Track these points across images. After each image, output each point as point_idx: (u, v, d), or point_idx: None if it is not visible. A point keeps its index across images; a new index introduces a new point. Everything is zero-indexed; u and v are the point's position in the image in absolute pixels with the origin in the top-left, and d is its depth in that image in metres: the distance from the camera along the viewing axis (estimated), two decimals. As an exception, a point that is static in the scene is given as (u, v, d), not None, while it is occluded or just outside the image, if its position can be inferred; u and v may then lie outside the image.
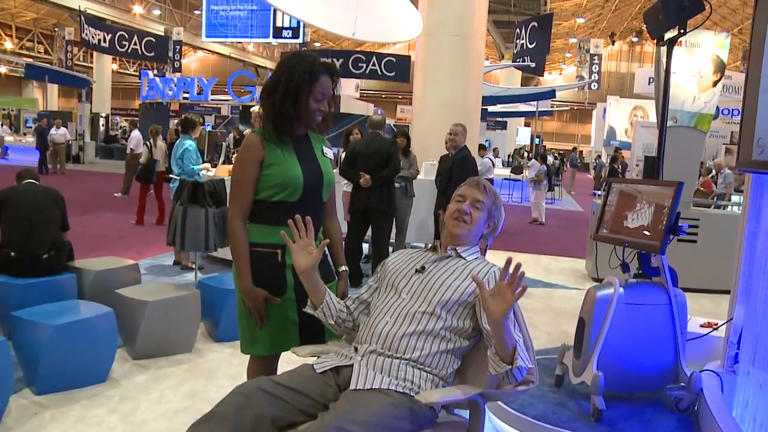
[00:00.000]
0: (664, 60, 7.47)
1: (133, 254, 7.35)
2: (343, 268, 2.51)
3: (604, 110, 31.38)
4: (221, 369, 4.03)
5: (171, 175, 6.55)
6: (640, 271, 3.23)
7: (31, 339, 3.50)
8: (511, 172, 19.75)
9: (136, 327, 4.05)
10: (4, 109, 36.28)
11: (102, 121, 28.02)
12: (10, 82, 44.22)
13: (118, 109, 42.54)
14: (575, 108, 46.97)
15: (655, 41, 4.37)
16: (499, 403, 3.14)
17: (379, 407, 1.82)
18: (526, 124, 38.31)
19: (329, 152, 2.49)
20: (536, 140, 28.66)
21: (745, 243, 3.21)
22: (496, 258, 2.09)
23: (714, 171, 14.43)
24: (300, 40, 26.71)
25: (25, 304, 3.88)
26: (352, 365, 1.99)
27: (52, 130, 17.91)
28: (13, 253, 4.40)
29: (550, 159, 25.19)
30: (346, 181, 6.44)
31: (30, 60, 35.34)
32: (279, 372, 2.20)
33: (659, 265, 3.12)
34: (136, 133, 12.85)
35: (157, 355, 4.11)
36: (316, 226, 2.40)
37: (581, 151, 37.89)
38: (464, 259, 2.19)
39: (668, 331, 3.09)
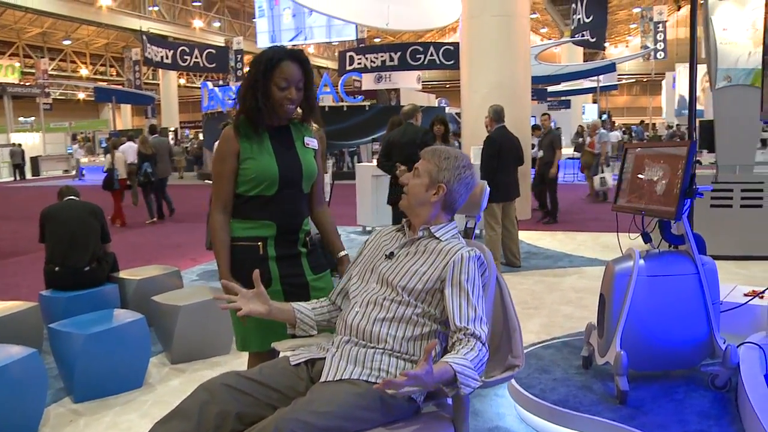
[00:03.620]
0: (713, 18, 7.11)
1: (188, 261, 7.55)
2: (343, 253, 2.47)
3: (674, 79, 30.12)
4: (256, 369, 4.06)
5: (207, 181, 6.66)
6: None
7: (66, 349, 3.62)
8: (574, 150, 19.14)
9: (171, 332, 4.13)
10: (81, 133, 38.12)
11: (171, 135, 28.97)
12: (89, 106, 46.43)
13: (187, 122, 43.95)
14: (644, 80, 45.26)
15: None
16: (519, 388, 3.02)
17: (343, 397, 1.76)
18: (594, 101, 37.17)
19: (312, 142, 2.43)
20: (603, 116, 27.78)
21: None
22: (555, 238, 1.98)
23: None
24: (354, 37, 26.87)
25: (69, 316, 4.00)
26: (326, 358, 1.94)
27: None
28: (57, 268, 4.58)
29: (617, 134, 24.35)
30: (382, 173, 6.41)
31: (104, 84, 37.00)
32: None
33: (682, 232, 2.92)
34: (125, 146, 12.75)
35: (194, 358, 4.17)
36: (299, 218, 2.37)
37: (653, 124, 36.50)
38: (437, 238, 2.09)
39: (698, 303, 2.88)
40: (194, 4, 38.48)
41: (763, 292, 3.34)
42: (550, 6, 32.72)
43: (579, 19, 19.38)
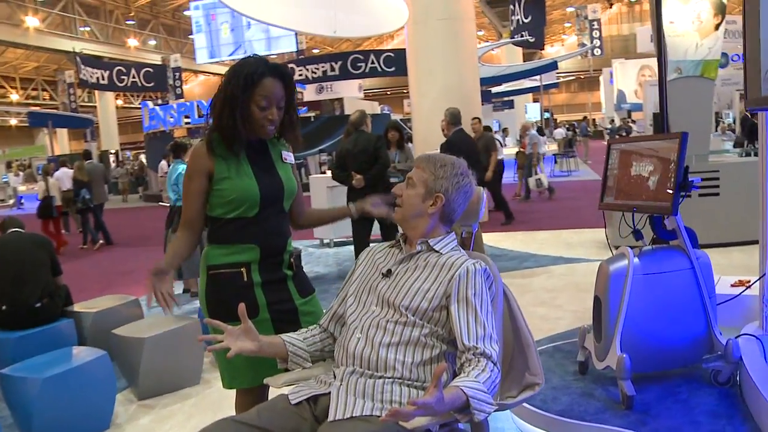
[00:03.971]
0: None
1: (143, 288, 7.18)
2: (351, 206, 2.39)
3: (611, 75, 30.87)
4: (231, 398, 3.80)
5: (161, 203, 6.39)
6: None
7: (21, 396, 3.32)
8: (522, 150, 19.40)
9: (136, 366, 3.85)
10: (17, 160, 36.64)
11: (112, 158, 28.13)
12: (22, 132, 44.64)
13: (129, 143, 42.75)
14: (582, 77, 46.32)
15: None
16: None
17: None
18: (535, 100, 37.76)
19: (289, 157, 2.24)
20: (545, 114, 28.31)
21: (766, 189, 2.91)
22: (516, 238, 1.82)
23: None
24: (295, 49, 26.62)
25: (22, 357, 3.70)
26: (330, 393, 1.74)
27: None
28: (4, 307, 4.24)
29: (562, 131, 24.77)
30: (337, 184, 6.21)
31: (37, 108, 35.62)
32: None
33: (674, 227, 2.83)
34: (60, 173, 12.17)
35: (162, 392, 3.91)
36: (283, 238, 2.18)
37: (593, 119, 37.31)
38: (437, 252, 1.93)
39: (695, 298, 2.80)
40: (128, 23, 37.55)
41: (753, 283, 3.29)
42: (486, 8, 33.12)
43: (518, 20, 19.67)
